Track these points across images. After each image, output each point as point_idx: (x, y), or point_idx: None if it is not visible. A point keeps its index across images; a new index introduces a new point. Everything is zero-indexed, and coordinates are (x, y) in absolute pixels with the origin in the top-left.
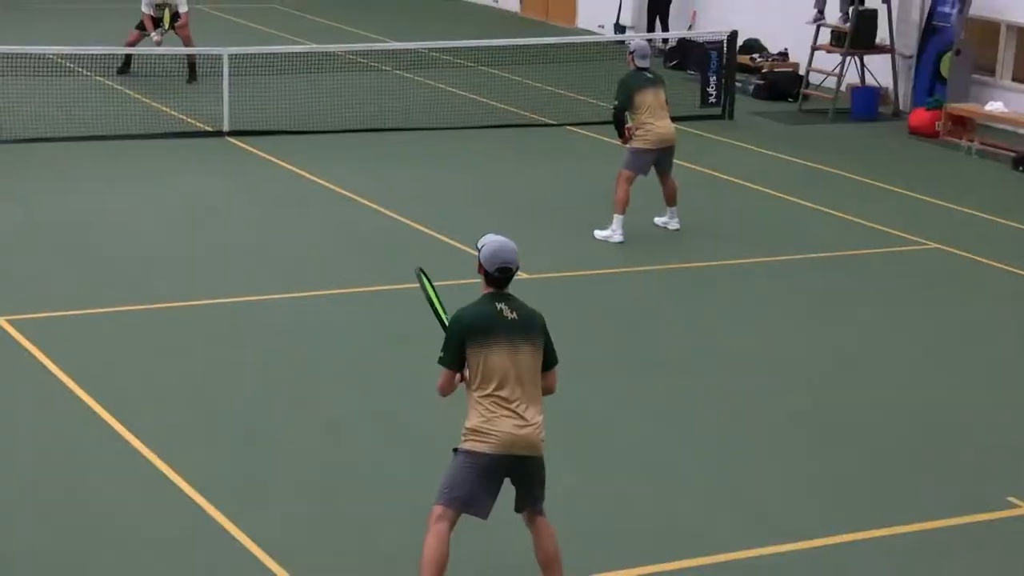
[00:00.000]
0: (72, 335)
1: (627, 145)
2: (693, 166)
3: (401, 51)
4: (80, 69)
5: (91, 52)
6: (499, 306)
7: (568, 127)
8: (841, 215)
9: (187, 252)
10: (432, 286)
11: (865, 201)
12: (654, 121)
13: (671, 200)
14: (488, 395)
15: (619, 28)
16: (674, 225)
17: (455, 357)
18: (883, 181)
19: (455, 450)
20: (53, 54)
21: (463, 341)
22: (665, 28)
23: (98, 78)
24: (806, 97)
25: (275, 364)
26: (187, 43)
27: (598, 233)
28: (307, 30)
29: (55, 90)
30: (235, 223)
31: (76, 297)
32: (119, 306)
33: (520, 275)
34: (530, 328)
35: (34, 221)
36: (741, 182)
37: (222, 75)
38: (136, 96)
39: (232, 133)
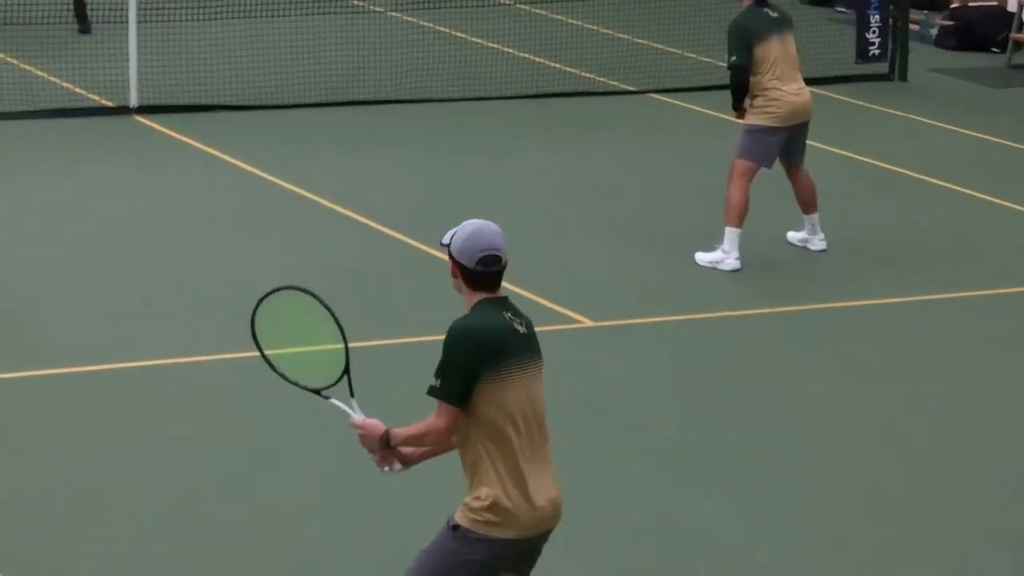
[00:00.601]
0: None
1: (743, 121)
2: (845, 152)
3: None
4: None
5: None
6: (507, 315)
7: (653, 95)
8: None
9: (85, 289)
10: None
11: None
12: (781, 86)
13: (809, 205)
14: (507, 447)
15: None
16: (818, 244)
17: (463, 388)
18: None
19: (454, 528)
20: None
21: (478, 366)
22: None
23: None
24: (1018, 45)
25: (221, 454)
26: None
27: (702, 257)
28: None
29: None
30: (152, 243)
31: None
32: None
33: (583, 321)
34: (536, 342)
35: None
36: (918, 176)
37: (127, 23)
38: (1, 56)
39: (143, 110)
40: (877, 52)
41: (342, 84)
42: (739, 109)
